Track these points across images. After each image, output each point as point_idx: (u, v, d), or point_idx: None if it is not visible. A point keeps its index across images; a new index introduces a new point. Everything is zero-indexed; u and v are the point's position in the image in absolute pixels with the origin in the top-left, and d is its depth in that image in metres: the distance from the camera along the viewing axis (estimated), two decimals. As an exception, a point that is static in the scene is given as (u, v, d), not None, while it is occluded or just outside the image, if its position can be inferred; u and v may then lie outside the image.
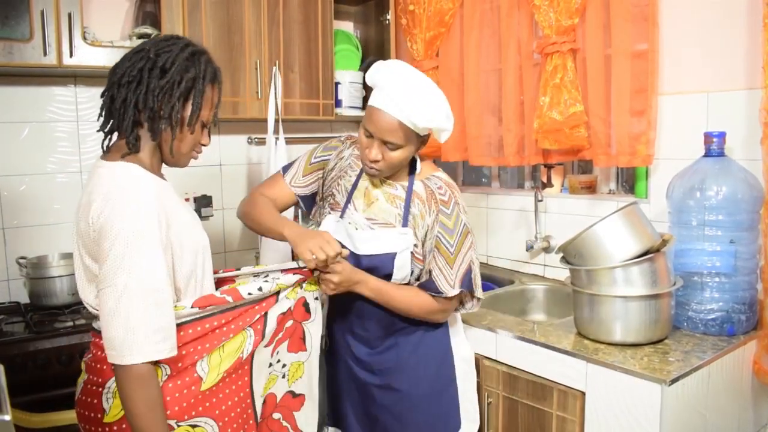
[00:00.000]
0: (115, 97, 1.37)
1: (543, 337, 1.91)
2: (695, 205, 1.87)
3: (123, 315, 1.24)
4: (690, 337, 1.87)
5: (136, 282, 1.25)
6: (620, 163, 2.27)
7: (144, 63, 1.36)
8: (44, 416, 2.00)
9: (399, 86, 1.56)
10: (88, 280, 1.37)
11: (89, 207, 1.30)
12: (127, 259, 1.25)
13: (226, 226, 3.08)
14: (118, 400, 1.31)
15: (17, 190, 2.53)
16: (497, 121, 2.74)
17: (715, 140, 1.88)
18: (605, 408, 1.71)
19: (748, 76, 1.96)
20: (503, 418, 1.99)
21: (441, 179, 1.74)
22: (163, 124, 1.38)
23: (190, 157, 1.49)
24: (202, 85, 1.41)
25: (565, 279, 1.98)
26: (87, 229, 1.30)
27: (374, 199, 1.75)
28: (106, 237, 1.26)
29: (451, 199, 1.69)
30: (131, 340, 1.24)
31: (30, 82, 2.50)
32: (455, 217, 1.68)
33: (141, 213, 1.28)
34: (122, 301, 1.24)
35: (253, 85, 2.70)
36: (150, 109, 1.36)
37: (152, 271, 1.28)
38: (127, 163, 1.37)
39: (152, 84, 1.35)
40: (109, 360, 1.27)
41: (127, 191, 1.30)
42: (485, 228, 2.93)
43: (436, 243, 1.68)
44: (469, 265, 1.71)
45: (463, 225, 1.69)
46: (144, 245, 1.27)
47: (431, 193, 1.71)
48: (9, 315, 2.37)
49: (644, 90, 2.17)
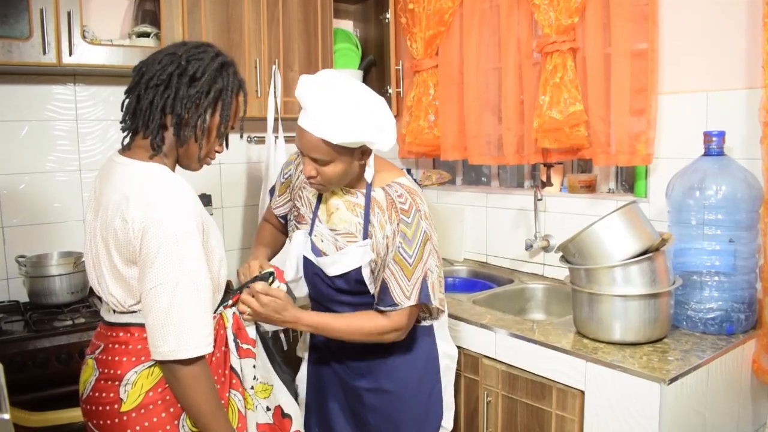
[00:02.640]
0: (142, 98, 1.38)
1: (542, 336, 1.91)
2: (694, 205, 1.87)
3: (177, 311, 1.29)
4: (689, 337, 1.87)
5: (188, 279, 1.30)
6: (620, 162, 2.27)
7: (174, 68, 1.37)
8: (43, 415, 2.00)
9: (318, 103, 1.51)
10: (114, 278, 1.38)
11: (126, 206, 1.31)
12: (177, 258, 1.29)
13: (225, 225, 3.08)
14: (136, 388, 1.36)
15: (16, 189, 2.53)
16: (497, 120, 2.75)
17: (714, 139, 1.88)
18: (604, 407, 1.71)
19: (748, 76, 1.96)
20: (502, 417, 2.00)
21: (402, 186, 1.67)
22: (189, 132, 1.40)
23: (204, 163, 1.51)
24: (230, 97, 1.44)
25: (565, 278, 1.98)
26: (124, 227, 1.31)
27: (334, 209, 1.72)
28: (153, 237, 1.28)
29: (411, 208, 1.63)
30: (188, 335, 1.30)
31: (29, 80, 2.50)
32: (415, 225, 1.62)
33: (187, 213, 1.32)
34: (176, 298, 1.29)
35: (253, 84, 2.70)
36: (178, 116, 1.37)
37: (199, 268, 1.33)
38: (158, 164, 1.39)
39: (181, 91, 1.37)
40: (160, 357, 1.30)
41: (171, 192, 1.33)
42: (484, 227, 2.93)
43: (395, 255, 1.62)
44: (426, 274, 1.63)
45: (423, 233, 1.63)
46: (192, 244, 1.31)
47: (392, 202, 1.65)
48: (8, 314, 2.37)
49: (644, 89, 2.17)
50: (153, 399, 1.36)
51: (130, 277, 1.35)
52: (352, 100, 1.53)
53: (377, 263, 1.67)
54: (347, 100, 1.52)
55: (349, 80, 1.57)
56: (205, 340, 1.33)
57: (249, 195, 3.11)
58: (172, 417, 1.38)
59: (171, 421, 1.38)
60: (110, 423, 1.36)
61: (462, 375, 2.14)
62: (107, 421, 1.37)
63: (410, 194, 1.65)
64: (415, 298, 1.62)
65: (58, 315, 2.33)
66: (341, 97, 1.52)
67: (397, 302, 1.62)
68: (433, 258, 1.65)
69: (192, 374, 1.32)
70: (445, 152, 2.94)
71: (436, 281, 1.66)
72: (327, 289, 1.77)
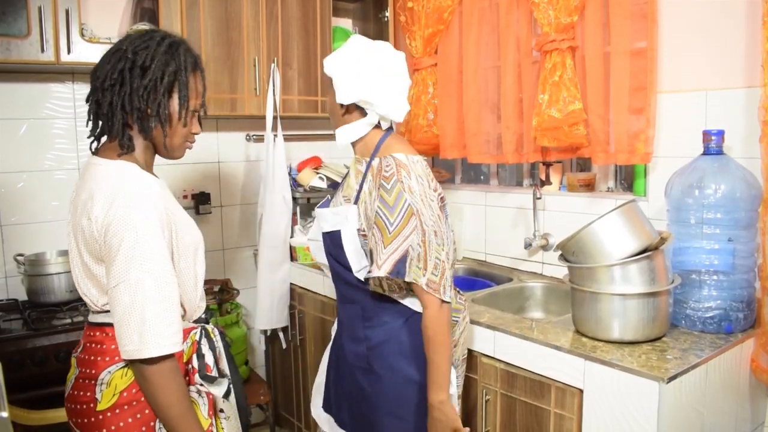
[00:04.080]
0: (101, 102, 1.37)
1: (541, 334, 1.91)
2: (694, 203, 1.87)
3: (139, 309, 1.27)
4: (688, 335, 1.88)
5: (149, 276, 1.28)
6: (619, 161, 2.27)
7: (123, 63, 1.36)
8: (42, 413, 2.00)
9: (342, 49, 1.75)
10: (86, 277, 1.38)
11: (91, 205, 1.31)
12: (138, 255, 1.27)
13: (224, 223, 3.08)
14: (110, 388, 1.35)
15: (15, 187, 2.53)
16: (496, 119, 2.74)
17: (713, 138, 1.88)
18: (603, 405, 1.71)
19: (747, 74, 1.96)
20: (501, 415, 2.00)
21: (395, 158, 1.67)
22: (152, 122, 1.39)
23: (184, 148, 1.50)
24: (185, 76, 1.42)
25: (564, 277, 1.98)
26: (89, 226, 1.31)
27: (349, 178, 1.83)
28: (114, 234, 1.28)
29: (392, 176, 1.64)
30: (150, 334, 1.27)
31: (27, 78, 2.50)
32: (396, 194, 1.62)
33: (147, 210, 1.31)
34: (137, 296, 1.27)
35: (252, 82, 2.70)
36: (138, 110, 1.37)
37: (162, 265, 1.31)
38: (125, 162, 1.38)
39: (135, 84, 1.36)
40: (126, 356, 1.29)
41: (132, 190, 1.32)
42: (484, 225, 2.93)
43: (375, 219, 1.64)
44: (407, 251, 1.61)
45: (406, 205, 1.61)
46: (153, 241, 1.30)
47: (380, 170, 1.68)
48: (7, 312, 2.37)
49: (643, 88, 2.17)
50: (127, 399, 1.36)
51: (101, 275, 1.34)
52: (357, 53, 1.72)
53: (362, 231, 1.71)
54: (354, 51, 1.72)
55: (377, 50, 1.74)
56: (170, 339, 1.30)
57: (248, 193, 3.11)
58: (147, 418, 1.37)
59: (147, 422, 1.37)
60: (87, 422, 1.36)
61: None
62: (84, 420, 1.37)
63: (398, 166, 1.65)
64: (386, 269, 1.59)
65: (56, 313, 2.33)
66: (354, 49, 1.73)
67: (371, 270, 1.63)
68: (417, 234, 1.61)
69: (159, 373, 1.30)
70: (444, 150, 2.94)
71: (416, 256, 1.61)
72: (330, 259, 1.82)
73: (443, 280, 1.64)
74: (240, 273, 3.14)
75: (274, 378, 3.12)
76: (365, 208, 1.69)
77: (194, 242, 1.46)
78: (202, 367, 1.48)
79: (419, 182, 1.65)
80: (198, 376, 1.47)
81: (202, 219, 2.97)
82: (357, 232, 1.71)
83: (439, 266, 1.63)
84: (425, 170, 1.69)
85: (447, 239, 1.67)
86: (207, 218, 3.00)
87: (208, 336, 1.52)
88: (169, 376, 1.31)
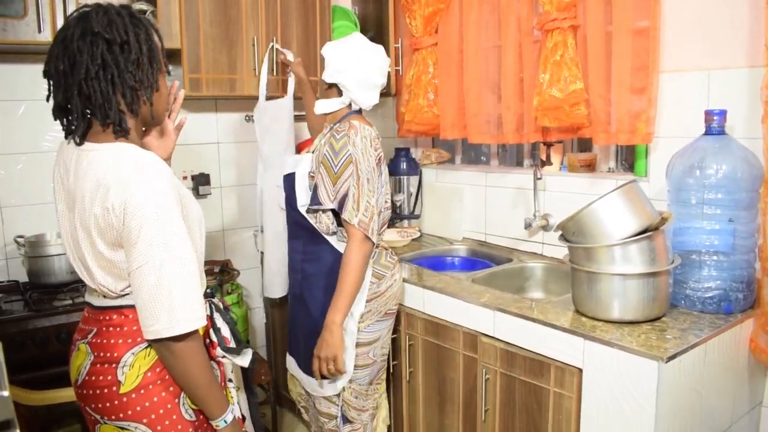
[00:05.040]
0: (90, 94, 1.31)
1: (541, 314, 1.92)
2: (694, 184, 1.87)
3: (166, 288, 1.28)
4: (687, 315, 1.88)
5: (172, 255, 1.29)
6: (620, 141, 2.26)
7: (101, 47, 1.29)
8: (43, 393, 2.01)
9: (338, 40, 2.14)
10: (100, 267, 1.36)
11: (103, 193, 1.28)
12: (159, 235, 1.27)
13: (224, 204, 3.07)
14: (134, 370, 1.36)
15: (14, 169, 2.52)
16: (496, 99, 2.73)
17: (715, 118, 1.87)
18: (602, 384, 1.72)
19: (750, 54, 1.94)
20: (500, 394, 2.01)
21: (350, 122, 2.03)
22: (142, 96, 1.36)
23: (166, 110, 1.50)
24: (156, 38, 1.39)
25: (564, 257, 1.98)
26: (105, 215, 1.29)
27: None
28: (132, 217, 1.27)
29: (342, 131, 1.99)
30: (178, 311, 1.29)
31: (25, 59, 2.47)
32: (342, 143, 1.96)
33: (163, 190, 1.30)
34: (163, 276, 1.28)
35: (251, 62, 2.68)
36: (130, 89, 1.33)
37: (184, 243, 1.31)
38: (126, 143, 1.35)
39: (120, 63, 1.31)
40: (153, 336, 1.30)
41: (143, 171, 1.30)
42: (484, 206, 2.93)
43: (322, 159, 1.99)
44: (347, 191, 1.95)
45: (347, 154, 1.95)
46: (172, 219, 1.30)
47: (335, 129, 2.03)
48: (8, 293, 2.38)
49: (645, 68, 2.15)
50: (152, 379, 1.37)
51: (118, 261, 1.33)
52: (357, 41, 2.10)
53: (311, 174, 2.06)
54: (354, 40, 2.11)
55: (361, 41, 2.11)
56: (196, 314, 1.32)
57: (247, 174, 3.10)
58: (172, 396, 1.39)
59: (171, 399, 1.39)
60: (110, 405, 1.37)
61: (460, 353, 2.15)
62: (106, 404, 1.37)
63: (350, 127, 2.00)
64: (335, 204, 1.97)
65: (57, 294, 2.33)
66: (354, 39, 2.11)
67: (322, 201, 1.99)
68: (353, 179, 1.95)
69: (187, 349, 1.32)
70: (444, 131, 2.93)
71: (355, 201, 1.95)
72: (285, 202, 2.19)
73: (372, 223, 1.97)
74: (240, 254, 3.14)
75: (275, 357, 3.14)
76: (317, 155, 2.05)
77: (198, 217, 1.46)
78: (221, 341, 1.50)
79: (363, 141, 1.99)
80: (219, 350, 1.49)
81: (202, 200, 2.96)
82: (307, 174, 2.07)
83: (369, 209, 1.97)
84: (371, 135, 2.03)
85: (378, 189, 2.03)
86: (207, 199, 2.99)
87: (218, 310, 1.54)
88: (195, 350, 1.34)
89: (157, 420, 1.37)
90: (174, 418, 1.39)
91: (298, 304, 2.20)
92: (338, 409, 2.14)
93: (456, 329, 2.16)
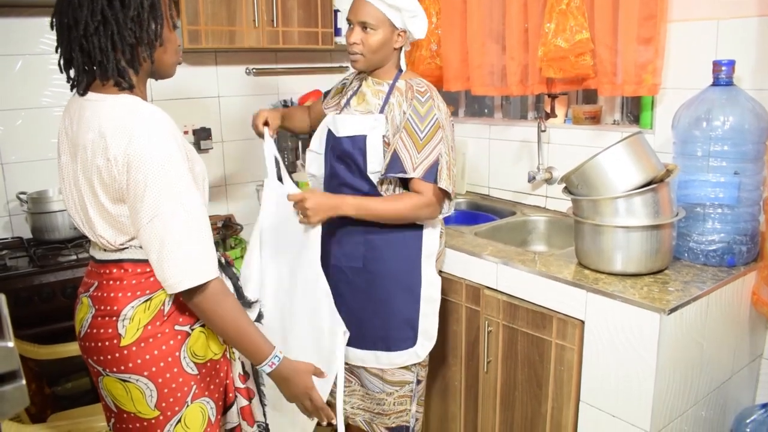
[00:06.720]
0: (90, 50, 1.30)
1: (544, 267, 1.92)
2: (701, 136, 1.84)
3: (177, 241, 1.28)
4: (690, 268, 1.88)
5: (182, 207, 1.28)
6: (626, 92, 2.23)
7: (101, 2, 1.27)
8: (51, 348, 2.05)
9: None
10: (102, 218, 1.36)
11: (105, 143, 1.27)
12: (167, 187, 1.27)
13: (226, 158, 3.06)
14: (134, 323, 1.36)
15: (13, 125, 2.51)
16: (500, 50, 2.68)
17: (723, 69, 1.84)
18: (604, 336, 1.73)
19: (760, 3, 1.89)
20: (503, 345, 2.03)
21: (424, 81, 1.91)
22: (144, 51, 1.33)
23: (177, 63, 1.46)
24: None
25: (567, 209, 1.98)
26: (108, 166, 1.28)
27: (364, 95, 1.97)
28: (138, 170, 1.25)
29: (427, 92, 1.86)
30: (193, 263, 1.29)
31: (21, 13, 2.43)
32: (428, 107, 1.83)
33: (168, 142, 1.28)
34: (174, 229, 1.27)
35: (251, 13, 2.63)
36: (129, 45, 1.31)
37: (192, 194, 1.31)
38: (130, 96, 1.34)
39: (120, 19, 1.29)
40: (171, 290, 1.31)
41: (148, 123, 1.29)
42: (487, 159, 2.91)
43: (405, 124, 1.83)
44: (437, 158, 1.82)
45: (435, 118, 1.83)
46: (179, 171, 1.29)
47: (410, 87, 1.89)
48: (12, 250, 2.39)
49: (653, 16, 2.10)
50: (152, 332, 1.37)
51: (119, 215, 1.33)
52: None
53: (389, 142, 1.87)
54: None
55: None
56: (209, 264, 1.32)
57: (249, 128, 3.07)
58: (173, 349, 1.40)
59: (172, 352, 1.40)
60: (111, 358, 1.38)
61: (463, 305, 2.17)
62: (107, 356, 1.39)
63: (430, 88, 1.89)
64: (421, 172, 1.81)
65: (62, 250, 2.35)
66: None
67: (406, 170, 1.81)
68: (444, 145, 1.83)
69: (209, 298, 1.34)
70: (447, 83, 2.89)
71: (446, 168, 1.84)
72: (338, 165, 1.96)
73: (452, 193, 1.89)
74: (243, 208, 3.14)
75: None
76: (392, 117, 1.88)
77: (202, 171, 1.45)
78: None
79: (443, 104, 1.88)
80: None
81: (204, 154, 2.94)
82: (382, 138, 1.88)
83: (452, 178, 1.86)
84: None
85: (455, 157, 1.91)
86: (208, 154, 2.98)
87: (221, 265, 1.54)
88: (220, 297, 1.35)
89: (158, 373, 1.38)
90: (175, 371, 1.40)
91: (358, 276, 1.98)
92: (413, 375, 2.03)
93: (459, 282, 2.17)
